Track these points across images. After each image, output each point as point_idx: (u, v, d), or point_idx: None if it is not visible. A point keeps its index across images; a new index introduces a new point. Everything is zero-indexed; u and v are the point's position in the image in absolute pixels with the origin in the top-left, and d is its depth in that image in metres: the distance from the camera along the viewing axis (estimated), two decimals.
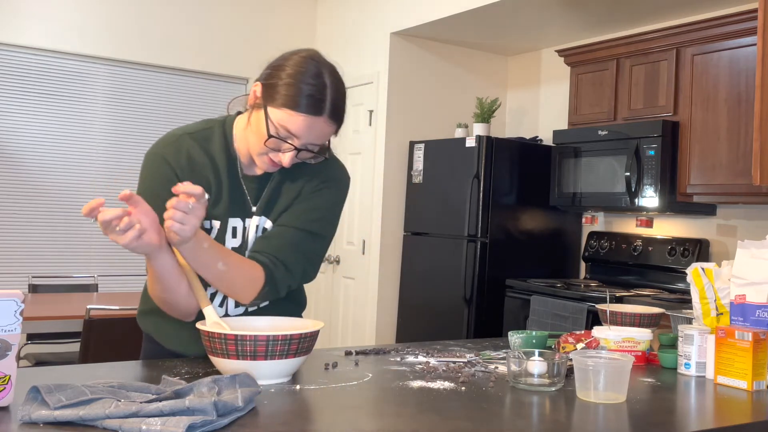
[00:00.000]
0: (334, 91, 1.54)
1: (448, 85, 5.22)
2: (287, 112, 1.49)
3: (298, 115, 1.49)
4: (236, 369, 1.35)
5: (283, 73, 1.53)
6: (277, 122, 1.50)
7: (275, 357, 1.36)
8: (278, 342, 1.35)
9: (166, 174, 1.57)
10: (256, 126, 1.54)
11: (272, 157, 1.54)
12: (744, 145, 3.55)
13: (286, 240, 1.59)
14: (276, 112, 1.50)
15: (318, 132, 1.52)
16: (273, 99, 1.51)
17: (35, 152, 4.90)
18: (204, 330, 1.39)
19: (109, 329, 3.06)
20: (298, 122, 1.49)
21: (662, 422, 1.32)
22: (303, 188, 1.63)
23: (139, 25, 5.19)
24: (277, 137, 1.50)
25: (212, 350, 1.38)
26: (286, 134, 1.51)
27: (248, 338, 1.33)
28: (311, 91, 1.50)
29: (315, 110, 1.50)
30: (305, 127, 1.50)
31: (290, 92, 1.50)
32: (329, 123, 1.54)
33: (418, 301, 4.78)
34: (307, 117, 1.50)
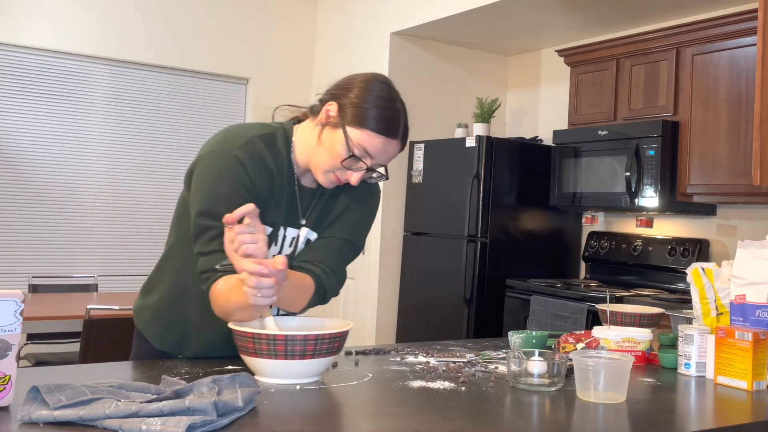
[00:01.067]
0: (405, 116, 1.62)
1: (448, 85, 5.22)
2: (367, 132, 1.55)
3: (377, 137, 1.56)
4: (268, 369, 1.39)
5: (359, 94, 1.58)
6: (357, 142, 1.55)
7: (306, 357, 1.39)
8: (309, 342, 1.38)
9: (240, 178, 1.55)
10: (329, 144, 1.57)
11: (339, 175, 1.59)
12: (744, 145, 3.55)
13: (333, 250, 1.67)
14: (355, 132, 1.55)
15: (390, 153, 1.60)
16: (351, 120, 1.56)
17: (35, 152, 4.90)
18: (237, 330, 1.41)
19: (109, 329, 3.06)
20: (376, 143, 1.56)
21: (662, 422, 1.32)
22: (350, 204, 1.71)
23: (139, 25, 5.19)
24: (355, 157, 1.56)
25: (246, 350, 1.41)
26: (362, 154, 1.56)
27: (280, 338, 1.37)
28: (389, 114, 1.58)
29: (391, 133, 1.57)
30: (382, 148, 1.57)
31: (371, 114, 1.56)
32: (399, 145, 1.61)
33: (418, 301, 4.78)
34: (384, 139, 1.56)
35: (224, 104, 5.58)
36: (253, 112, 5.60)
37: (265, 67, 5.66)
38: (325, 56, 5.74)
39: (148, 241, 5.22)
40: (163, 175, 5.30)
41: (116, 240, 5.13)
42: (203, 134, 5.45)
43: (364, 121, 1.55)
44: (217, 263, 1.49)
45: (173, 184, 5.32)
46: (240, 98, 5.66)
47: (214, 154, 1.57)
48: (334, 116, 1.57)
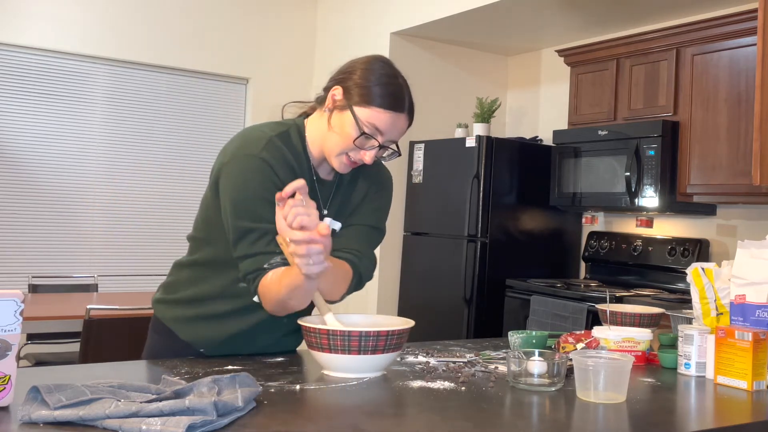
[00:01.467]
0: (409, 91, 1.67)
1: (448, 85, 5.22)
2: (374, 109, 1.59)
3: (385, 112, 1.60)
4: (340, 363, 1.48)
5: (363, 74, 1.63)
6: (365, 120, 1.59)
7: (368, 352, 1.46)
8: (370, 338, 1.45)
9: (270, 178, 1.59)
10: (339, 127, 1.62)
11: (352, 155, 1.63)
12: (744, 145, 3.55)
13: (362, 236, 1.73)
14: (363, 110, 1.60)
15: (399, 128, 1.64)
16: (357, 99, 1.60)
17: (35, 152, 4.90)
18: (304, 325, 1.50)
19: (109, 329, 3.06)
20: (384, 119, 1.60)
21: (662, 422, 1.32)
22: (368, 191, 1.77)
23: (139, 25, 5.19)
24: (365, 134, 1.59)
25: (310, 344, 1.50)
26: (372, 131, 1.60)
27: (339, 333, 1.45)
28: (393, 90, 1.62)
29: (398, 107, 1.62)
30: (390, 123, 1.61)
31: (376, 92, 1.60)
32: (407, 119, 1.66)
33: (418, 301, 4.78)
34: (392, 113, 1.61)
35: (224, 104, 5.58)
36: (253, 112, 5.60)
37: (265, 67, 5.66)
38: (325, 56, 5.74)
39: (148, 241, 5.22)
40: (163, 175, 5.30)
41: (116, 240, 5.13)
42: (203, 134, 5.45)
43: (370, 98, 1.59)
44: (265, 263, 1.55)
45: (173, 184, 5.32)
46: (240, 98, 5.66)
47: (238, 159, 1.61)
48: (341, 99, 1.62)
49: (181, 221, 5.28)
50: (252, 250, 1.56)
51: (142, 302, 3.78)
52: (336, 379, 1.47)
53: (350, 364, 1.48)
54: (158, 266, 5.17)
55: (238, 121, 5.64)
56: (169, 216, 5.30)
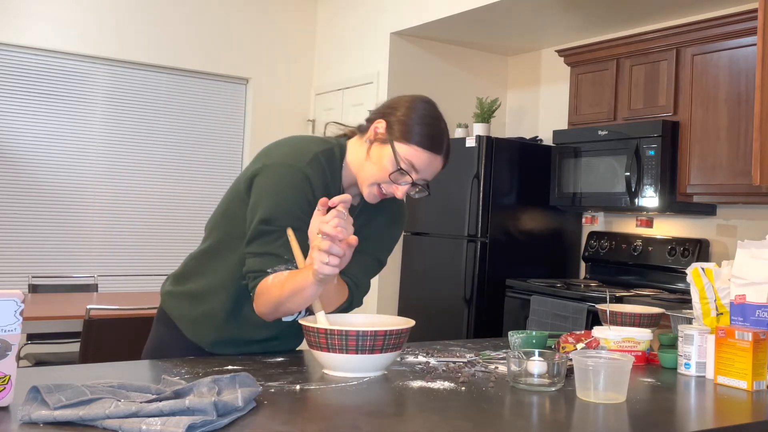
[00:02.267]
0: (448, 134, 1.72)
1: (448, 85, 5.22)
2: (414, 147, 1.64)
3: (423, 152, 1.65)
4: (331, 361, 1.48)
5: (407, 113, 1.67)
6: (404, 156, 1.64)
7: (365, 352, 1.46)
8: (368, 337, 1.46)
9: (306, 194, 1.63)
10: (377, 159, 1.66)
11: (384, 188, 1.68)
12: (744, 145, 3.55)
13: (362, 265, 1.76)
14: (402, 147, 1.64)
15: (434, 169, 1.69)
16: (399, 135, 1.65)
17: (35, 152, 4.90)
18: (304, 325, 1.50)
19: (109, 329, 3.06)
20: (422, 158, 1.65)
21: (662, 422, 1.32)
22: (382, 221, 1.82)
23: (139, 25, 5.19)
24: (402, 171, 1.65)
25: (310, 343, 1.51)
26: (409, 168, 1.65)
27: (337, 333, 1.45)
28: (433, 131, 1.67)
29: (436, 149, 1.66)
30: (427, 163, 1.66)
31: (417, 131, 1.65)
32: (442, 161, 1.71)
33: (418, 301, 4.78)
34: (430, 154, 1.66)
35: (224, 104, 5.58)
36: (253, 112, 5.60)
37: (265, 67, 5.66)
38: (325, 56, 5.74)
39: (147, 241, 5.22)
40: (163, 174, 5.30)
41: (116, 240, 5.13)
42: (203, 134, 5.46)
43: (411, 136, 1.64)
44: (269, 267, 1.58)
45: (173, 183, 5.32)
46: (240, 98, 5.66)
47: (282, 167, 1.65)
48: (383, 132, 1.67)
49: (181, 221, 5.28)
50: (261, 249, 1.60)
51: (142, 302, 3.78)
52: (336, 379, 1.47)
53: (348, 364, 1.48)
54: (158, 266, 5.17)
55: (238, 121, 5.64)
56: (169, 216, 5.30)
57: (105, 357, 2.77)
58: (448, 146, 1.70)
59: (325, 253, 1.42)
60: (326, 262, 1.43)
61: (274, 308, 1.58)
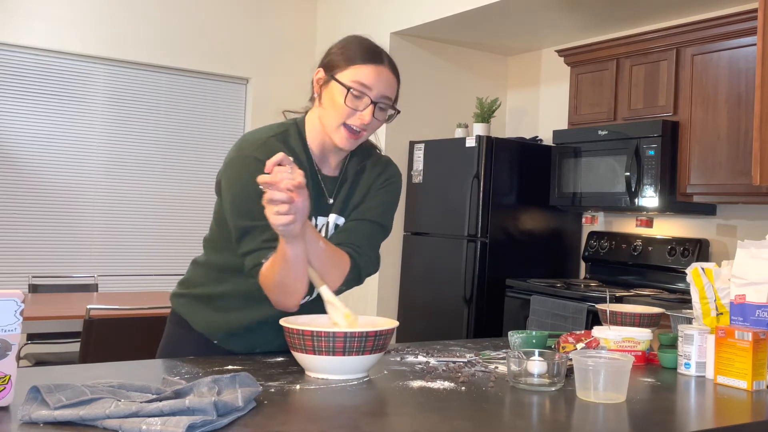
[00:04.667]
0: (383, 48, 1.69)
1: (448, 85, 5.22)
2: (354, 67, 1.62)
3: (364, 66, 1.62)
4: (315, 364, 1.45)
5: (339, 48, 1.67)
6: (350, 80, 1.62)
7: (353, 353, 1.44)
8: (355, 339, 1.43)
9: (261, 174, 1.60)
10: (329, 100, 1.65)
11: (350, 122, 1.63)
12: (744, 145, 3.55)
13: (363, 232, 1.71)
14: (344, 73, 1.63)
15: (386, 81, 1.65)
16: (337, 68, 1.64)
17: (35, 152, 4.90)
18: (286, 327, 1.47)
19: (109, 329, 3.06)
20: (367, 72, 1.62)
21: (662, 422, 1.32)
22: (373, 184, 1.76)
23: (139, 26, 5.19)
24: (354, 91, 1.61)
25: (293, 346, 1.47)
26: (360, 87, 1.62)
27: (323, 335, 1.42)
28: (368, 46, 1.66)
29: (376, 59, 1.64)
30: (375, 75, 1.63)
31: (351, 53, 1.64)
32: (391, 72, 1.66)
33: (418, 301, 4.78)
34: (373, 66, 1.63)
35: (224, 104, 5.58)
36: (253, 112, 5.60)
37: (265, 67, 5.66)
38: None
39: (148, 241, 5.22)
40: (163, 174, 5.29)
41: (116, 240, 5.13)
42: (203, 134, 5.45)
43: (348, 59, 1.63)
44: (263, 258, 1.56)
45: (173, 183, 5.32)
46: (240, 98, 5.66)
47: (234, 161, 1.65)
48: (323, 76, 1.67)
49: (182, 221, 5.28)
50: (252, 246, 1.59)
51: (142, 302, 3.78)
52: (336, 380, 1.47)
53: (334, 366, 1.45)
54: (158, 266, 5.17)
55: (238, 121, 5.64)
56: (169, 216, 5.29)
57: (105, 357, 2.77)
58: (390, 59, 1.67)
59: (272, 204, 1.39)
60: (275, 212, 1.39)
61: (279, 290, 1.57)
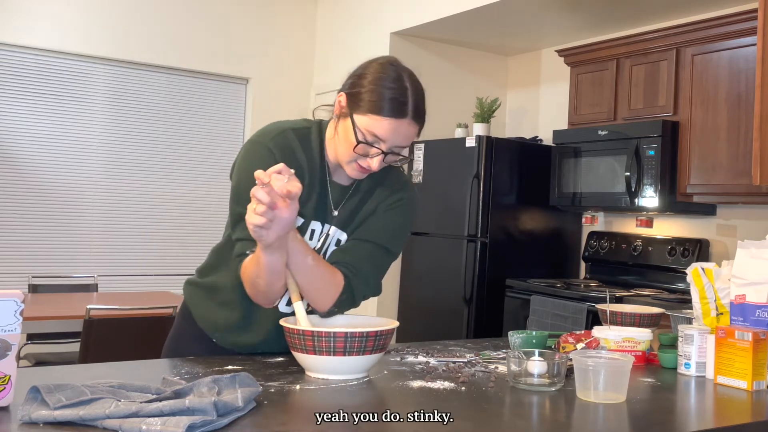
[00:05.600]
0: (414, 93, 1.59)
1: (448, 85, 5.22)
2: (372, 117, 1.55)
3: (383, 119, 1.55)
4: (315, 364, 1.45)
5: (365, 80, 1.58)
6: (364, 128, 1.56)
7: (353, 353, 1.43)
8: (355, 339, 1.42)
9: (269, 164, 1.54)
10: (343, 134, 1.59)
11: (360, 163, 1.59)
12: (744, 145, 3.55)
13: (363, 253, 1.65)
14: (362, 118, 1.56)
15: (403, 134, 1.58)
16: (358, 107, 1.57)
17: (35, 152, 4.90)
18: (286, 327, 1.47)
19: (109, 329, 3.07)
20: (383, 126, 1.55)
21: (662, 422, 1.32)
22: (379, 205, 1.70)
23: (139, 26, 5.19)
24: (365, 143, 1.56)
25: (293, 346, 1.47)
26: (373, 139, 1.56)
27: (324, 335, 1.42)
28: (393, 95, 1.56)
29: (398, 113, 1.55)
30: (390, 130, 1.55)
31: (373, 98, 1.55)
32: (412, 124, 1.59)
33: (418, 301, 4.78)
34: (392, 120, 1.55)
35: (224, 104, 5.58)
36: (253, 112, 5.59)
37: (265, 67, 5.66)
38: (325, 56, 5.74)
39: (148, 241, 5.22)
40: (163, 174, 5.29)
41: (116, 240, 5.13)
42: (203, 134, 5.46)
43: (368, 106, 1.55)
44: (248, 249, 1.54)
45: (173, 183, 5.32)
46: (240, 98, 5.66)
47: (247, 146, 1.65)
48: (344, 106, 1.60)
49: (182, 221, 5.28)
50: (240, 235, 1.58)
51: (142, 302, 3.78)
52: (336, 380, 1.47)
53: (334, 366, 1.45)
54: (158, 266, 5.17)
55: (238, 121, 5.64)
56: (169, 216, 5.29)
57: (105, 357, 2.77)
58: (416, 106, 1.57)
59: (253, 201, 1.35)
60: (253, 209, 1.36)
61: (252, 288, 1.56)
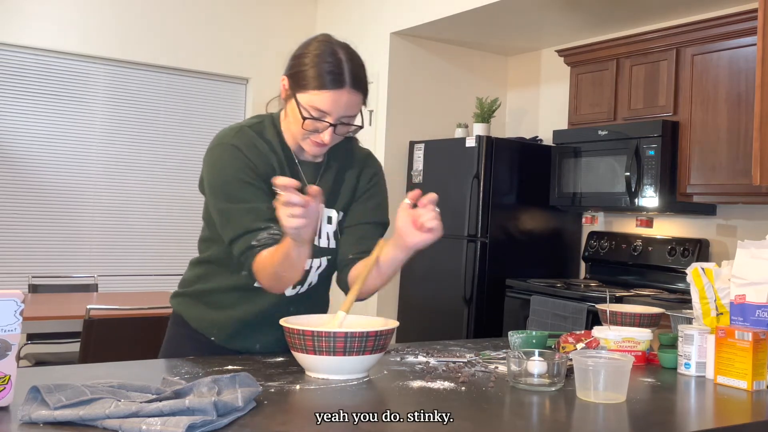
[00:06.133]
0: (350, 63, 1.64)
1: (448, 85, 5.22)
2: (312, 93, 1.61)
3: (322, 92, 1.60)
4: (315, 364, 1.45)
5: (303, 60, 1.65)
6: (307, 105, 1.62)
7: (353, 353, 1.44)
8: (355, 339, 1.43)
9: (242, 160, 1.65)
10: (292, 115, 1.66)
11: (314, 138, 1.66)
12: (744, 145, 3.55)
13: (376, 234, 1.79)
14: (304, 96, 1.62)
15: (345, 104, 1.62)
16: (299, 85, 1.63)
17: (35, 152, 4.90)
18: (286, 327, 1.47)
19: (109, 329, 3.06)
20: (324, 99, 1.61)
21: (662, 422, 1.32)
22: (359, 183, 1.81)
23: (139, 25, 5.19)
24: (311, 118, 1.62)
25: (293, 346, 1.47)
26: (318, 114, 1.62)
27: (324, 335, 1.42)
28: (329, 68, 1.61)
29: (336, 84, 1.61)
30: (332, 102, 1.61)
31: (311, 74, 1.61)
32: (353, 93, 1.63)
33: (418, 301, 4.78)
34: (331, 92, 1.60)
35: (224, 104, 5.58)
36: (253, 112, 5.59)
37: (265, 67, 5.65)
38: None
39: (147, 241, 5.22)
40: (163, 174, 5.29)
41: (116, 240, 5.13)
42: (203, 134, 5.45)
43: (305, 83, 1.62)
44: (253, 240, 1.58)
45: (173, 183, 5.32)
46: (240, 98, 5.66)
47: (211, 151, 1.71)
48: (287, 88, 1.68)
49: (181, 221, 5.28)
50: (238, 231, 1.61)
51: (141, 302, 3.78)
52: (336, 380, 1.47)
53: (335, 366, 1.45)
54: (158, 266, 5.17)
55: (238, 121, 5.63)
56: (168, 216, 5.29)
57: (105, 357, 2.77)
58: (354, 75, 1.63)
59: (287, 207, 1.40)
60: (289, 214, 1.40)
61: (273, 279, 1.60)
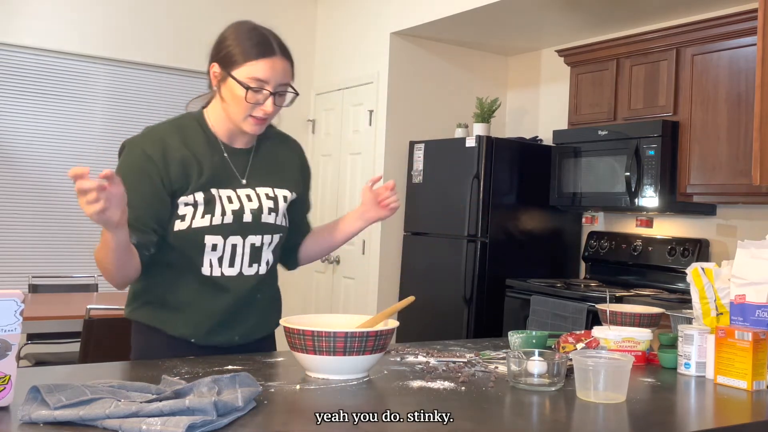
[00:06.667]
0: (272, 35, 1.78)
1: (448, 85, 5.22)
2: (249, 64, 1.71)
3: (258, 61, 1.71)
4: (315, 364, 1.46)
5: (227, 41, 1.76)
6: (246, 77, 1.71)
7: (353, 353, 1.44)
8: (355, 339, 1.44)
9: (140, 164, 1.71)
10: (230, 96, 1.74)
11: (255, 114, 1.73)
12: (744, 145, 3.55)
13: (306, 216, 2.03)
14: (240, 70, 1.72)
15: (280, 70, 1.73)
16: (232, 63, 1.73)
17: (35, 152, 4.90)
18: (287, 326, 1.48)
19: (109, 329, 3.06)
20: (261, 68, 1.71)
21: (662, 422, 1.32)
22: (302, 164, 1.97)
23: (138, 26, 5.19)
24: (252, 89, 1.70)
25: (293, 346, 1.48)
26: (257, 84, 1.71)
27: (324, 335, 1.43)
28: (257, 40, 1.74)
29: (268, 53, 1.72)
30: (268, 68, 1.71)
31: (242, 49, 1.72)
32: (283, 60, 1.75)
33: (418, 301, 4.74)
34: (266, 60, 1.72)
35: None
36: None
37: None
38: (325, 56, 5.74)
39: None
40: None
41: None
42: None
43: (240, 57, 1.72)
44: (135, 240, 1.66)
45: None
46: None
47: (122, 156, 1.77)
48: (219, 72, 1.76)
49: None
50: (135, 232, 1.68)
51: None
52: (336, 380, 1.47)
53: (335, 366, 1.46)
54: None
55: None
56: None
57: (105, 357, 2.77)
58: (281, 45, 1.76)
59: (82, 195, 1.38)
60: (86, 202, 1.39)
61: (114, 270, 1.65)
